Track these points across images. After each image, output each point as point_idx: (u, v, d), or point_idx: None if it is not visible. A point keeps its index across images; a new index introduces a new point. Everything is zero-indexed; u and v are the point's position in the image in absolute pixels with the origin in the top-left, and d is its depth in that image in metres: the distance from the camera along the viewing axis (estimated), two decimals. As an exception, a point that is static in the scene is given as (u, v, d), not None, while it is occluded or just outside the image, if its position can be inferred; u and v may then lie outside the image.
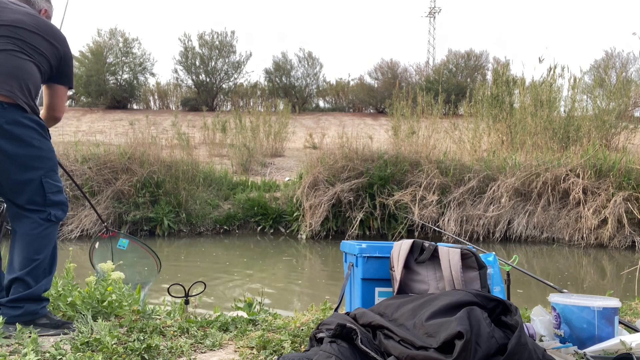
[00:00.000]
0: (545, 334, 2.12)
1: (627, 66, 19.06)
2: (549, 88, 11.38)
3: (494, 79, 12.48)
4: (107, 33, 25.25)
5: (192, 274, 6.24)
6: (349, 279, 2.31)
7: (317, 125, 21.82)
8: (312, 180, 9.16)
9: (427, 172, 9.16)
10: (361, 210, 8.87)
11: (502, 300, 1.69)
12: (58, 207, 2.24)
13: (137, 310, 2.56)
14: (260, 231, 9.26)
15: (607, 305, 1.99)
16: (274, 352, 1.98)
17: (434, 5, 46.18)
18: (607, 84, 12.81)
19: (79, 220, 8.69)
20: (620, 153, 9.53)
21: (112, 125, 19.48)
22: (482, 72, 26.27)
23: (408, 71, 28.51)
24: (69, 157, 9.37)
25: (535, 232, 8.64)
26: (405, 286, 2.04)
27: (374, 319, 1.70)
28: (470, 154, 10.91)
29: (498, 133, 11.84)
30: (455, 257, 2.01)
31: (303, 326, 2.32)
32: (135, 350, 1.93)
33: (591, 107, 11.67)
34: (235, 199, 9.65)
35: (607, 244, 8.09)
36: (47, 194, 2.19)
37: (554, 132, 10.91)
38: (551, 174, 8.78)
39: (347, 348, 1.58)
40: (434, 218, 8.76)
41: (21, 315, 2.14)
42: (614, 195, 8.23)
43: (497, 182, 9.02)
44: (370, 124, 22.39)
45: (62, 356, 1.85)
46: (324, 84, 28.37)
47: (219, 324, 2.38)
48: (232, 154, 13.45)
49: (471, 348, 1.43)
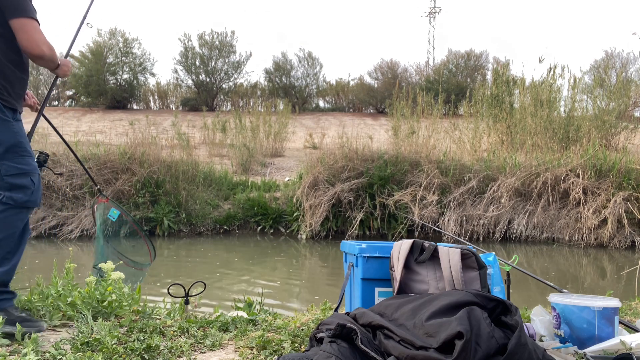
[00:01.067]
0: (545, 334, 2.12)
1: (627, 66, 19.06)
2: (549, 88, 11.38)
3: (494, 79, 12.47)
4: (107, 33, 25.25)
5: (192, 274, 6.25)
6: (349, 279, 2.31)
7: (317, 125, 21.81)
8: (312, 180, 9.15)
9: (427, 172, 9.16)
10: (361, 210, 8.87)
11: (502, 300, 1.69)
12: (19, 190, 2.14)
13: (137, 310, 2.56)
14: (260, 231, 9.26)
15: (607, 305, 1.99)
16: (274, 352, 1.98)
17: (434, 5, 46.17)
18: (607, 84, 12.81)
19: (79, 220, 8.69)
20: (620, 153, 9.53)
21: (112, 125, 19.48)
22: (482, 72, 26.27)
23: (408, 71, 28.52)
24: (69, 157, 9.36)
25: (535, 232, 8.64)
26: (405, 286, 2.04)
27: (374, 319, 1.70)
28: (470, 154, 10.91)
29: (498, 133, 11.84)
30: (455, 257, 2.01)
31: (303, 326, 2.32)
32: (135, 350, 1.93)
33: (591, 107, 11.67)
34: (235, 199, 9.65)
35: (607, 244, 8.09)
36: (4, 176, 2.11)
37: (554, 132, 10.91)
38: (551, 174, 8.78)
39: (347, 348, 1.59)
40: (434, 218, 8.76)
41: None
42: (614, 195, 8.23)
43: (497, 182, 9.02)
44: (370, 124, 22.38)
45: (62, 356, 1.85)
46: (324, 84, 28.37)
47: (219, 324, 2.38)
48: (232, 154, 13.45)
49: (471, 348, 1.43)
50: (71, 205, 8.96)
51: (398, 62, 28.42)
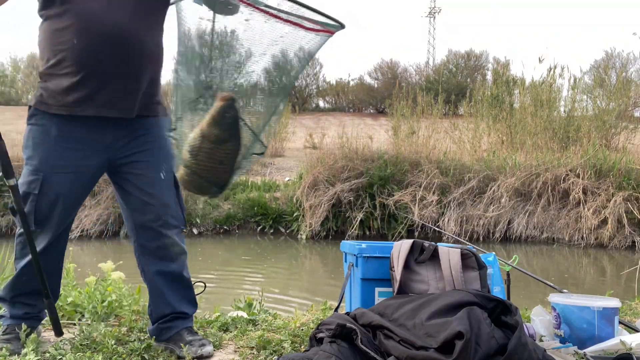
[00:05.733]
0: (545, 334, 2.12)
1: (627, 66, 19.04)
2: (549, 88, 11.37)
3: (494, 79, 12.46)
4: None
5: (191, 273, 6.24)
6: (348, 279, 2.31)
7: (317, 125, 21.81)
8: (312, 180, 9.16)
9: (427, 172, 9.16)
10: (361, 210, 8.87)
11: (502, 300, 1.69)
12: None
13: (137, 310, 2.56)
14: (260, 231, 9.26)
15: (607, 305, 2.00)
16: (274, 352, 1.98)
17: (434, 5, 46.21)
18: (607, 84, 12.79)
19: (79, 220, 8.68)
20: (620, 153, 9.53)
21: (112, 125, 19.44)
22: (482, 72, 26.27)
23: (408, 71, 28.54)
24: (69, 157, 9.36)
25: (535, 232, 8.64)
26: (405, 286, 2.04)
27: (374, 319, 1.70)
28: (470, 154, 10.90)
29: (498, 133, 11.83)
30: (455, 257, 2.01)
31: (303, 326, 2.33)
32: (135, 350, 1.93)
33: (591, 107, 11.65)
34: (235, 199, 9.65)
35: (607, 244, 8.08)
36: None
37: (554, 132, 10.90)
38: (551, 174, 8.78)
39: (347, 348, 1.59)
40: (434, 218, 8.76)
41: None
42: (614, 196, 8.23)
43: (497, 182, 9.02)
44: (370, 124, 22.38)
45: (62, 356, 1.85)
46: (324, 84, 28.39)
47: (219, 324, 2.39)
48: (232, 154, 13.43)
49: (471, 348, 1.43)
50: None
51: (398, 62, 28.47)
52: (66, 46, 1.81)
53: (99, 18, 1.80)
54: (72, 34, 1.79)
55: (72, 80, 1.82)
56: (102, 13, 1.81)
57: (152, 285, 2.06)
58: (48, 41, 1.85)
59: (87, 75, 1.82)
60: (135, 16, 1.87)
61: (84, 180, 1.94)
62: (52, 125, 1.87)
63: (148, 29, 1.93)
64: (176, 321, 2.03)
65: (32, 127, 1.90)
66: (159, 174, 2.00)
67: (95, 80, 1.84)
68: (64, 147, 1.87)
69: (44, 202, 1.86)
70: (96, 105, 1.86)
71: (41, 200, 1.85)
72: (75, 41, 1.79)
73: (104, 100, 1.86)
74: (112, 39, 1.82)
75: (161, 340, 2.03)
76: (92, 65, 1.82)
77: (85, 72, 1.82)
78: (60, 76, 1.83)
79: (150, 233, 2.00)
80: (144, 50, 1.90)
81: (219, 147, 1.65)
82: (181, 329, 2.02)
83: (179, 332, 2.01)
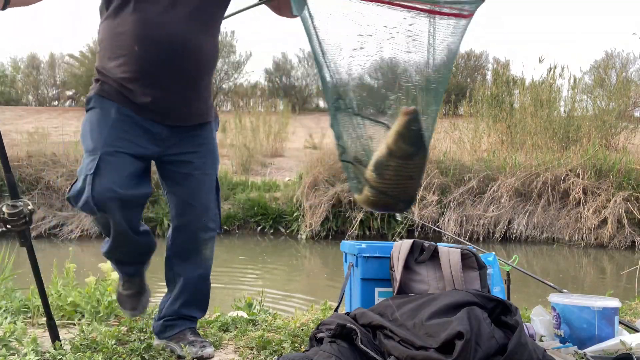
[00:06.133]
0: (545, 334, 2.12)
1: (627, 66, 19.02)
2: (549, 88, 11.36)
3: (494, 79, 12.45)
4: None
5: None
6: (348, 279, 2.31)
7: (317, 125, 21.79)
8: (312, 180, 9.16)
9: (427, 172, 9.15)
10: (361, 210, 8.86)
11: (502, 300, 1.69)
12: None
13: (137, 310, 2.55)
14: (260, 231, 9.26)
15: (607, 305, 2.00)
16: (274, 352, 1.98)
17: (434, 5, 46.13)
18: (607, 84, 12.79)
19: (79, 220, 8.68)
20: (620, 153, 9.52)
21: (112, 125, 19.44)
22: (482, 72, 26.23)
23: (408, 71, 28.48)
24: (69, 157, 9.36)
25: (535, 232, 8.64)
26: (405, 286, 2.04)
27: (374, 319, 1.70)
28: (470, 154, 10.89)
29: (498, 133, 11.82)
30: (456, 257, 2.01)
31: (303, 326, 2.33)
32: (135, 350, 1.93)
33: (591, 107, 11.65)
34: (235, 199, 9.65)
35: (607, 244, 8.08)
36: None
37: (554, 132, 10.89)
38: (551, 174, 8.78)
39: (347, 348, 1.59)
40: (434, 218, 8.76)
41: None
42: (614, 196, 8.23)
43: (497, 182, 9.02)
44: (370, 124, 22.36)
45: (62, 356, 1.85)
46: (324, 84, 28.33)
47: (219, 324, 2.39)
48: (232, 154, 13.44)
49: (471, 348, 1.43)
50: (71, 205, 8.95)
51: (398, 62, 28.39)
52: (127, 51, 1.81)
53: (157, 25, 1.80)
54: (132, 39, 1.80)
55: (132, 85, 1.84)
56: (161, 19, 1.80)
57: (173, 284, 2.07)
58: (109, 41, 1.86)
59: (147, 83, 1.84)
60: (193, 22, 1.86)
61: (136, 166, 1.91)
62: (112, 108, 1.86)
63: (206, 33, 1.92)
64: (182, 321, 2.04)
65: (91, 111, 1.91)
66: (205, 176, 2.03)
67: (155, 89, 1.85)
68: (122, 130, 1.85)
69: (99, 183, 1.80)
70: (154, 113, 1.88)
71: (96, 181, 1.79)
72: (136, 48, 1.80)
73: (162, 109, 1.88)
74: (171, 48, 1.81)
75: (163, 337, 2.03)
76: (152, 74, 1.83)
77: (145, 80, 1.83)
78: (121, 78, 1.84)
79: (187, 234, 2.03)
80: (201, 58, 1.90)
81: (407, 162, 1.62)
82: (185, 328, 2.03)
83: (182, 331, 2.02)
